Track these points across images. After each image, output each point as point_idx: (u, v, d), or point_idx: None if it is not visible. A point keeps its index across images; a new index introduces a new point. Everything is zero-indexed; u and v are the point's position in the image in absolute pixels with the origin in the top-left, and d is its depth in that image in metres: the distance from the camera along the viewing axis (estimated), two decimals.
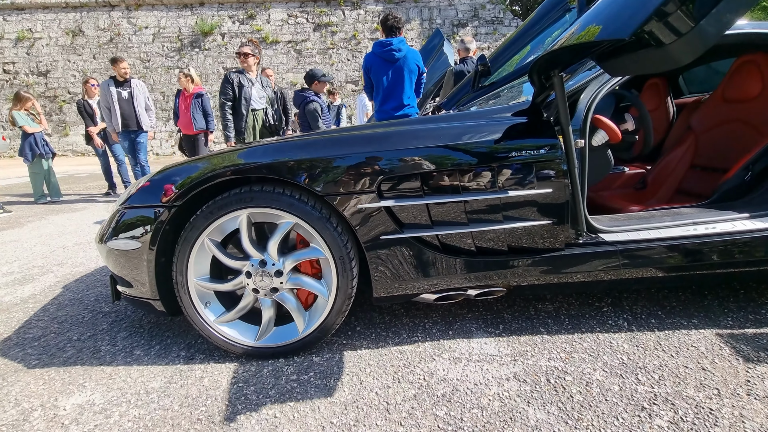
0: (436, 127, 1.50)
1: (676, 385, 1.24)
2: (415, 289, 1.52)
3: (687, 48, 1.03)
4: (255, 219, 1.46)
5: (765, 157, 1.78)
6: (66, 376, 1.46)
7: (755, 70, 1.89)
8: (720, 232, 1.54)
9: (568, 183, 1.43)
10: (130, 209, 1.50)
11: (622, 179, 2.46)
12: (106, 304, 2.05)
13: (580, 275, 1.53)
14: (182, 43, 13.12)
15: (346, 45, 13.34)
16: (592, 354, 1.42)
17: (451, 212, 1.44)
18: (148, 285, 1.48)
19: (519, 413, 1.16)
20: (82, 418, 1.24)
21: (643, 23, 0.98)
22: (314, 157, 1.42)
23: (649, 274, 1.55)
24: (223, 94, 3.91)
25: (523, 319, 1.68)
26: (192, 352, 1.57)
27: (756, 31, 1.65)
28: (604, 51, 1.30)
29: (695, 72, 2.83)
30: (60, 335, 1.76)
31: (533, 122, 1.49)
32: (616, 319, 1.64)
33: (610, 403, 1.18)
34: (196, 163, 1.48)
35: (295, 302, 1.47)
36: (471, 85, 2.76)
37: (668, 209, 1.80)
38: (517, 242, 1.49)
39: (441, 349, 1.51)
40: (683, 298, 1.78)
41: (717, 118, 2.09)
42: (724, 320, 1.59)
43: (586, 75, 1.64)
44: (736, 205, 1.72)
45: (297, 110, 4.48)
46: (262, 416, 1.21)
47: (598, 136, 1.65)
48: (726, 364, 1.33)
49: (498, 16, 13.25)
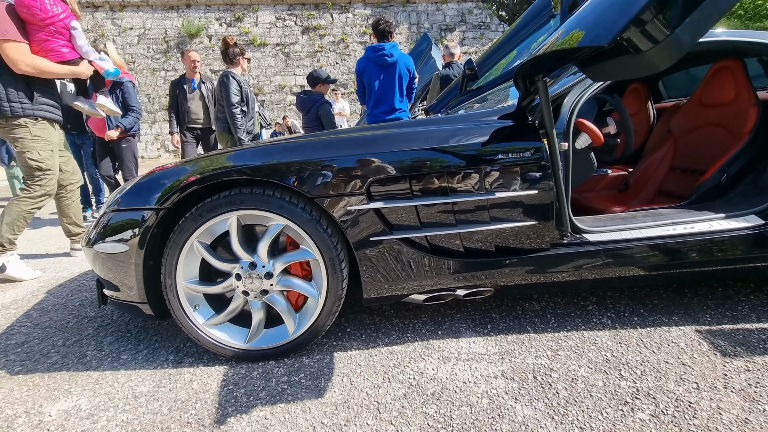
0: (424, 130, 1.53)
1: (657, 380, 1.28)
2: (405, 290, 1.53)
3: (664, 54, 1.08)
4: (245, 221, 1.46)
5: (739, 159, 1.85)
6: (51, 381, 1.43)
7: (729, 76, 1.97)
8: (698, 232, 1.60)
9: (552, 185, 1.47)
10: (117, 212, 1.48)
11: (605, 181, 2.53)
12: (92, 309, 2.02)
13: (566, 274, 1.57)
14: (168, 45, 12.98)
15: (334, 48, 13.36)
16: (578, 351, 1.46)
17: (439, 213, 1.46)
18: (135, 288, 1.47)
19: (507, 410, 1.19)
20: (68, 424, 1.22)
21: (622, 30, 1.02)
22: (304, 159, 1.43)
23: (631, 273, 1.60)
24: (235, 95, 3.67)
25: (510, 318, 1.72)
26: (181, 355, 1.56)
27: (730, 38, 1.72)
28: (585, 57, 1.34)
29: (675, 77, 2.93)
30: (44, 341, 1.72)
31: (519, 126, 1.52)
32: (601, 317, 1.69)
33: (594, 399, 1.21)
34: (184, 166, 1.48)
35: (286, 304, 1.48)
36: (459, 89, 2.81)
37: (649, 210, 1.85)
38: (504, 243, 1.52)
39: (430, 348, 1.53)
40: (664, 296, 1.83)
41: (694, 122, 2.16)
42: (703, 317, 1.64)
43: (570, 80, 1.68)
44: (713, 206, 1.79)
45: (302, 113, 4.36)
46: (253, 418, 1.21)
47: (581, 139, 1.69)
48: (705, 359, 1.37)
49: (485, 21, 13.44)
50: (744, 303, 1.73)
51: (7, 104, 2.37)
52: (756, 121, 1.84)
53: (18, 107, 2.40)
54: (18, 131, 2.43)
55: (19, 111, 2.40)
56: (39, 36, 2.39)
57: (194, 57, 4.14)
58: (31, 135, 2.46)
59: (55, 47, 2.45)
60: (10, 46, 2.28)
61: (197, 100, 4.20)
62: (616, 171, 2.55)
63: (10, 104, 2.38)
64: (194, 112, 4.20)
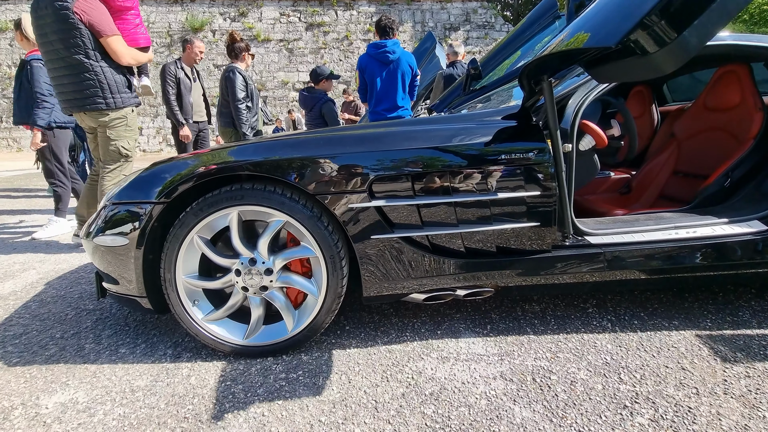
0: (427, 128, 1.52)
1: (656, 384, 1.28)
2: (405, 289, 1.53)
3: (670, 57, 1.07)
4: (245, 217, 1.45)
5: (743, 164, 1.84)
6: (48, 374, 1.43)
7: (735, 81, 1.96)
8: (700, 236, 1.59)
9: (555, 186, 1.46)
10: (118, 205, 1.48)
11: (607, 184, 2.52)
12: (91, 302, 2.02)
13: (566, 276, 1.56)
14: (172, 39, 12.96)
15: (338, 45, 13.34)
16: (577, 354, 1.45)
17: (440, 213, 1.46)
18: (135, 282, 1.47)
19: (505, 411, 1.18)
20: (65, 416, 1.22)
21: (630, 32, 1.01)
22: (306, 156, 1.42)
23: (632, 276, 1.59)
24: (241, 90, 3.60)
25: (510, 319, 1.71)
26: (179, 350, 1.56)
27: (736, 42, 1.71)
28: (591, 58, 1.34)
29: (679, 81, 2.92)
30: (42, 333, 1.72)
31: (522, 126, 1.51)
32: (601, 320, 1.68)
33: (593, 402, 1.21)
34: (185, 160, 1.47)
35: (285, 301, 1.47)
36: (462, 88, 2.80)
37: (651, 213, 1.85)
38: (505, 243, 1.51)
39: (429, 348, 1.52)
40: (665, 300, 1.83)
41: (698, 126, 2.15)
42: (704, 322, 1.63)
43: (575, 81, 1.68)
44: (716, 211, 1.78)
45: (304, 110, 4.32)
46: (250, 414, 1.20)
47: (585, 141, 1.68)
48: (705, 364, 1.37)
49: (489, 21, 13.40)
50: (745, 309, 1.72)
51: (118, 96, 2.49)
52: (761, 127, 1.83)
53: (124, 98, 2.53)
54: (118, 121, 2.54)
55: (123, 101, 2.53)
56: (116, 24, 2.48)
57: (202, 47, 4.09)
58: (128, 124, 2.59)
59: (130, 35, 2.55)
60: (115, 40, 2.42)
61: (198, 92, 4.14)
62: (619, 174, 2.54)
63: (120, 96, 2.50)
64: (197, 104, 4.11)
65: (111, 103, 2.47)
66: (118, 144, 2.58)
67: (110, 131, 2.55)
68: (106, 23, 2.38)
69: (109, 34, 2.38)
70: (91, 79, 2.41)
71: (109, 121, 2.52)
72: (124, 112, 2.54)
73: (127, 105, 2.54)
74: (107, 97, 2.45)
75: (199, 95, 4.15)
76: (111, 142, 2.57)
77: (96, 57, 2.40)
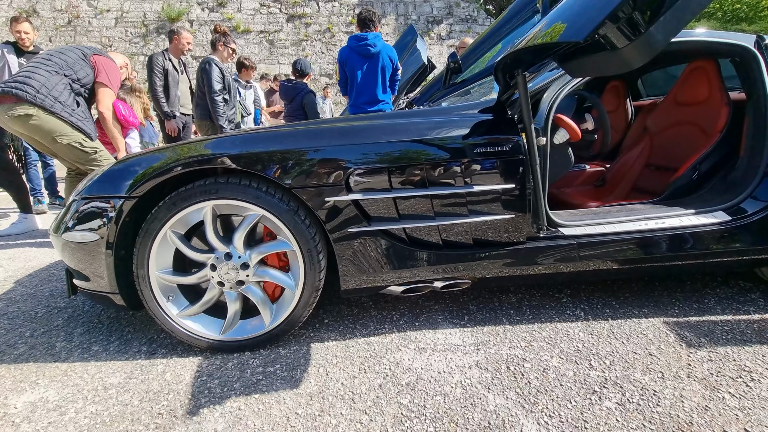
0: (404, 122, 1.52)
1: (625, 370, 1.32)
2: (383, 282, 1.54)
3: (638, 52, 1.10)
4: (220, 211, 1.43)
5: (710, 157, 1.91)
6: (17, 373, 1.39)
7: (704, 76, 2.02)
8: (668, 227, 1.64)
9: (530, 179, 1.48)
10: (87, 199, 1.44)
11: (583, 177, 2.58)
12: (62, 300, 1.96)
13: (541, 267, 1.60)
14: (147, 29, 12.55)
15: (320, 37, 13.15)
16: (550, 342, 1.49)
17: (417, 206, 1.47)
18: (106, 278, 1.43)
19: (479, 399, 1.21)
20: (35, 416, 1.19)
21: (598, 27, 1.03)
22: (283, 149, 1.41)
23: (604, 266, 1.64)
24: (217, 82, 3.53)
25: (487, 310, 1.74)
26: (154, 346, 1.53)
27: (704, 39, 1.76)
28: (564, 52, 1.36)
29: (654, 76, 2.99)
30: (10, 332, 1.67)
31: (498, 120, 1.53)
32: (574, 309, 1.73)
33: (564, 388, 1.25)
34: (158, 153, 1.44)
35: (262, 295, 1.46)
36: (443, 82, 2.80)
37: (623, 205, 1.90)
38: (481, 235, 1.53)
39: (407, 339, 1.54)
40: (636, 288, 1.89)
41: (670, 120, 2.22)
42: (672, 309, 1.70)
43: (549, 75, 1.70)
44: (684, 202, 1.84)
45: (284, 102, 4.24)
46: (226, 409, 1.20)
47: (559, 135, 1.71)
48: (671, 350, 1.42)
49: (472, 15, 13.42)
50: (710, 296, 1.80)
51: (49, 98, 2.59)
52: (727, 121, 1.89)
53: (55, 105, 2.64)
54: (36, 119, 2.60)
55: (48, 105, 2.61)
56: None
57: (190, 38, 3.92)
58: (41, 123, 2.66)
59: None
60: (108, 93, 2.73)
61: (185, 84, 4.01)
62: (594, 167, 2.59)
63: (53, 101, 2.62)
64: (184, 96, 3.97)
65: (33, 97, 2.43)
66: (70, 141, 2.58)
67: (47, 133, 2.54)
68: (113, 79, 2.72)
69: (107, 85, 2.68)
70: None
71: (26, 117, 2.46)
72: (34, 110, 2.46)
73: (50, 109, 2.49)
74: (34, 94, 2.45)
75: (186, 87, 4.04)
76: (59, 141, 2.56)
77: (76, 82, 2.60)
